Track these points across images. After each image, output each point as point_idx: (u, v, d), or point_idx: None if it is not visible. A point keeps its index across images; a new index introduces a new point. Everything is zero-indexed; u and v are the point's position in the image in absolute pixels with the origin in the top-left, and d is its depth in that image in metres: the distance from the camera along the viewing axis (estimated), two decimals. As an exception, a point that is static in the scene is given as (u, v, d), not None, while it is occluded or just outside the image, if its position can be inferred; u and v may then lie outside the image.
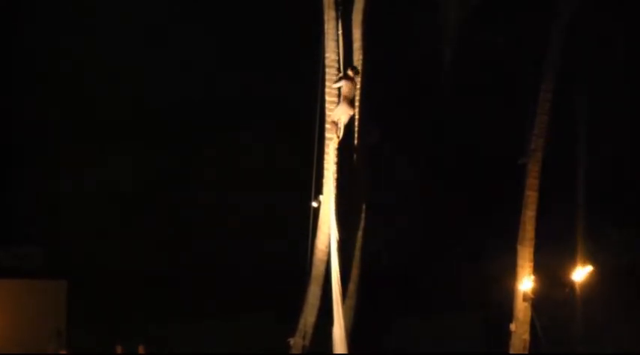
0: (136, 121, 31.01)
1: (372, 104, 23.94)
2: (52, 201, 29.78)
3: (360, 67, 23.47)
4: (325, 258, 22.57)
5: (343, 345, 21.22)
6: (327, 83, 22.72)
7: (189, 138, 31.54)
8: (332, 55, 22.74)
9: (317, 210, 22.59)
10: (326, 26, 22.86)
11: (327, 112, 22.76)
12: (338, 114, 22.60)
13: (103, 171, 30.53)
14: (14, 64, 30.52)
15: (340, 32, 22.84)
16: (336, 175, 22.14)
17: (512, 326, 24.94)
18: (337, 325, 21.32)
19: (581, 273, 27.53)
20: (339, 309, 21.30)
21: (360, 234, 23.47)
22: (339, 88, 22.86)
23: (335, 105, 22.71)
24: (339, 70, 22.86)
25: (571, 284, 27.67)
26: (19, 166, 30.27)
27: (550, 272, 26.46)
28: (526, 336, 24.86)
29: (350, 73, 22.48)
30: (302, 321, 22.71)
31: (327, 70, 22.80)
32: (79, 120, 30.76)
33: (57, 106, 30.72)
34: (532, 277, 24.77)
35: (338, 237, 21.51)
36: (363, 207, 23.56)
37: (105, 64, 30.72)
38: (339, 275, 21.41)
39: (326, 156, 22.61)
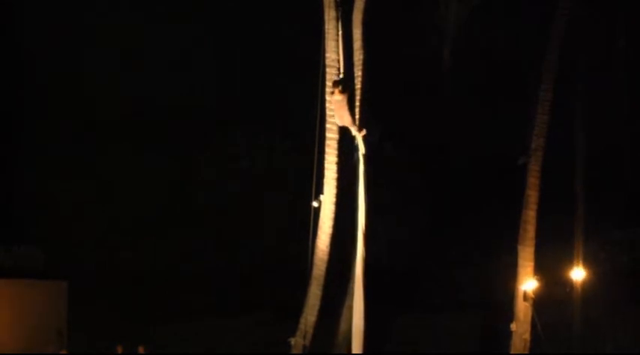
0: (136, 121, 31.03)
1: (372, 104, 23.88)
2: (53, 202, 29.78)
3: (360, 67, 23.40)
4: (325, 257, 22.53)
5: (360, 341, 21.06)
6: (327, 83, 22.66)
7: (189, 138, 31.56)
8: (332, 55, 22.67)
9: (317, 210, 22.54)
10: (326, 26, 22.78)
11: (328, 112, 22.71)
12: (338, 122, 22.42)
13: (103, 171, 30.55)
14: (14, 64, 30.54)
15: (340, 32, 22.78)
16: (363, 168, 21.66)
17: (513, 326, 24.88)
18: (357, 320, 21.12)
19: (580, 273, 27.53)
20: (361, 304, 21.07)
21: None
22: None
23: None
24: (339, 70, 22.79)
25: (571, 284, 27.65)
26: (19, 166, 30.29)
27: (550, 272, 26.43)
28: (527, 336, 24.80)
29: (336, 91, 21.88)
30: (302, 321, 22.69)
31: (327, 69, 22.73)
32: (79, 120, 30.79)
33: (57, 106, 30.74)
34: (535, 277, 24.70)
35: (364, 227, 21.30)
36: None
37: (105, 64, 30.76)
38: (362, 271, 21.22)
39: (326, 156, 22.58)
